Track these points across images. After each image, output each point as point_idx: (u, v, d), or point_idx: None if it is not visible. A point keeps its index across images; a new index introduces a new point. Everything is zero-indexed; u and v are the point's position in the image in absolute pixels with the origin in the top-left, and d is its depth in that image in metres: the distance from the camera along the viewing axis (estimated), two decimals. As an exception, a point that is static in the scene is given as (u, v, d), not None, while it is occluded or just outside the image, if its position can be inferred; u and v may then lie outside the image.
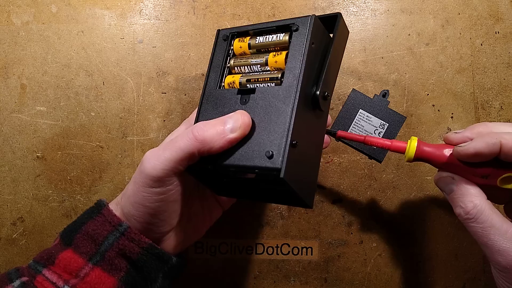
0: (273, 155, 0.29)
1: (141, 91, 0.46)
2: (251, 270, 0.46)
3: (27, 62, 0.46)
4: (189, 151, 0.30)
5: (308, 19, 0.32)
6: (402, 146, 0.34)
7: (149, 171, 0.31)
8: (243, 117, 0.31)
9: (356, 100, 0.45)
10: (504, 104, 0.45)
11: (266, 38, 0.34)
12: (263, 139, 0.31)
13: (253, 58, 0.35)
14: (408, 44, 0.45)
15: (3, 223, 0.46)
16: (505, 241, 0.28)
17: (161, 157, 0.31)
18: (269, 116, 0.31)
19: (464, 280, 0.44)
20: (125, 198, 0.33)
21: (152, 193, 0.32)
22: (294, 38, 0.32)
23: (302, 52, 0.31)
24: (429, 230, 0.45)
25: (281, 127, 0.30)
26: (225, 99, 0.34)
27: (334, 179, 0.45)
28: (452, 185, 0.31)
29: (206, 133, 0.30)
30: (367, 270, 0.45)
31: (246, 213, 0.46)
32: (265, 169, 0.30)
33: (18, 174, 0.46)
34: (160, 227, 0.34)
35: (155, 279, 0.34)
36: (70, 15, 0.47)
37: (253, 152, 0.31)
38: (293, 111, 0.30)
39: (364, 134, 0.36)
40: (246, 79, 0.34)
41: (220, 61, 0.36)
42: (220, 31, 0.36)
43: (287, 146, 0.29)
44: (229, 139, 0.30)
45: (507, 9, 0.45)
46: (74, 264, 0.32)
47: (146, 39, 0.46)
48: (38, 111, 0.46)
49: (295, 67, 0.31)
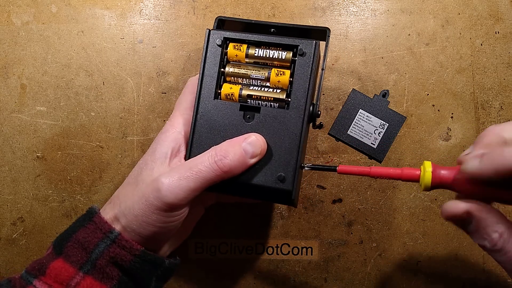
0: (285, 178, 0.33)
1: (141, 91, 0.46)
2: (251, 270, 0.46)
3: (27, 62, 0.46)
4: (213, 180, 0.31)
5: (313, 45, 0.33)
6: (414, 174, 0.29)
7: (171, 200, 0.31)
8: (261, 142, 0.33)
9: (356, 100, 0.45)
10: (504, 104, 0.45)
11: (267, 52, 0.34)
12: (273, 159, 0.33)
13: (253, 71, 0.35)
14: (408, 44, 0.45)
15: (3, 223, 0.46)
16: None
17: (184, 187, 0.31)
18: (278, 137, 0.33)
19: (464, 280, 0.44)
20: (131, 216, 0.32)
21: (166, 216, 0.32)
22: (299, 62, 0.33)
23: (309, 79, 0.33)
24: (429, 230, 0.45)
25: (290, 150, 0.33)
26: (226, 113, 0.34)
27: (334, 179, 0.45)
28: (469, 220, 0.27)
29: (232, 163, 0.31)
30: (367, 270, 0.45)
31: (246, 213, 0.46)
32: (277, 190, 0.33)
33: (18, 174, 0.46)
34: (161, 242, 0.35)
35: (148, 284, 0.34)
36: (70, 15, 0.47)
37: (265, 173, 0.33)
38: (302, 136, 0.33)
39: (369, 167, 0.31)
40: (247, 93, 0.34)
41: (215, 68, 0.35)
42: (211, 32, 0.35)
43: (297, 170, 0.33)
44: (250, 165, 0.32)
45: (507, 9, 0.45)
46: (65, 273, 0.31)
47: (146, 39, 0.46)
48: (38, 111, 0.46)
49: (301, 92, 0.33)
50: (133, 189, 0.34)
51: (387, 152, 0.44)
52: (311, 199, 0.45)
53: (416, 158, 0.45)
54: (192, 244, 0.46)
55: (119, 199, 0.34)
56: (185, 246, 0.45)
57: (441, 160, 0.44)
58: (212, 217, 0.45)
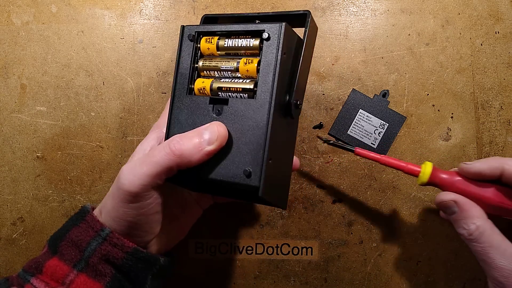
0: (251, 173, 0.30)
1: (141, 91, 0.46)
2: (251, 270, 0.46)
3: (27, 62, 0.46)
4: (167, 165, 0.30)
5: (279, 27, 0.31)
6: (416, 170, 0.36)
7: (126, 187, 0.30)
8: (220, 129, 0.31)
9: (356, 100, 0.45)
10: (504, 104, 0.45)
11: (236, 41, 0.33)
12: (240, 153, 0.31)
13: (223, 62, 0.33)
14: (408, 44, 0.45)
15: (3, 223, 0.46)
16: (502, 259, 0.31)
17: (138, 172, 0.30)
18: (244, 129, 0.31)
19: (464, 280, 0.44)
20: (105, 213, 0.33)
21: (132, 208, 0.31)
22: (265, 47, 0.31)
23: (274, 64, 0.30)
24: (429, 230, 0.45)
25: (258, 143, 0.30)
26: (197, 107, 0.33)
27: (334, 179, 0.45)
28: (454, 208, 0.33)
29: (184, 146, 0.30)
30: (367, 270, 0.45)
31: (246, 213, 0.46)
32: (244, 185, 0.31)
33: (18, 174, 0.46)
34: (143, 237, 0.34)
35: (143, 281, 0.34)
36: (70, 15, 0.47)
37: (231, 167, 0.31)
38: (268, 128, 0.30)
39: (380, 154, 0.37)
40: (217, 86, 0.33)
41: (188, 64, 0.34)
42: (184, 27, 0.34)
43: (264, 164, 0.30)
44: (206, 152, 0.30)
45: (507, 9, 0.45)
46: (60, 271, 0.32)
47: (146, 39, 0.46)
48: (38, 111, 0.46)
49: (267, 80, 0.31)
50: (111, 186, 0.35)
51: (387, 152, 0.44)
52: (311, 199, 0.45)
53: (416, 158, 0.45)
54: (192, 244, 0.46)
55: (105, 197, 0.35)
56: (185, 246, 0.45)
57: (441, 160, 0.44)
58: (212, 217, 0.45)
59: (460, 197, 0.33)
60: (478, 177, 0.34)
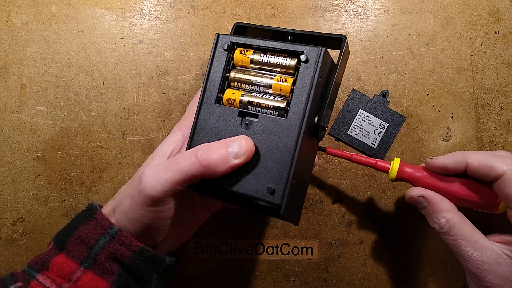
0: (274, 191, 0.31)
1: (141, 91, 0.46)
2: (251, 270, 0.46)
3: (27, 62, 0.46)
4: (192, 174, 0.30)
5: (318, 51, 0.31)
6: (385, 166, 0.37)
7: (148, 192, 0.31)
8: (248, 144, 0.31)
9: (356, 100, 0.45)
10: (504, 104, 0.45)
11: (272, 58, 0.33)
12: (265, 169, 0.31)
13: (256, 77, 0.34)
14: (408, 44, 0.45)
15: (3, 223, 0.46)
16: (474, 251, 0.31)
17: (162, 178, 0.31)
18: (271, 146, 0.31)
19: (464, 280, 0.44)
20: (121, 213, 0.33)
21: (150, 211, 0.32)
22: (302, 69, 0.32)
23: (310, 87, 0.31)
24: (429, 230, 0.45)
25: (284, 162, 0.31)
26: (224, 118, 0.33)
27: (334, 179, 0.45)
28: (423, 202, 0.34)
29: (210, 157, 0.30)
30: (367, 270, 0.45)
31: (246, 213, 0.46)
32: (266, 201, 0.31)
33: (18, 174, 0.46)
34: (155, 238, 0.34)
35: (149, 280, 0.34)
36: (70, 15, 0.47)
37: (255, 182, 0.31)
38: (297, 149, 0.31)
39: (351, 153, 0.38)
40: (247, 99, 0.33)
41: (219, 73, 0.34)
42: (220, 36, 0.34)
43: (288, 184, 0.30)
44: (232, 165, 0.31)
45: (507, 9, 0.45)
46: (67, 268, 0.32)
47: (146, 39, 0.46)
48: (38, 111, 0.46)
49: (301, 101, 0.31)
50: (127, 185, 0.35)
51: (387, 152, 0.44)
52: (311, 199, 0.45)
53: (416, 158, 0.45)
54: (192, 244, 0.46)
55: (118, 195, 0.36)
56: (185, 246, 0.45)
57: (441, 160, 0.44)
58: (212, 217, 0.45)
59: (429, 192, 0.34)
60: (444, 171, 0.34)
